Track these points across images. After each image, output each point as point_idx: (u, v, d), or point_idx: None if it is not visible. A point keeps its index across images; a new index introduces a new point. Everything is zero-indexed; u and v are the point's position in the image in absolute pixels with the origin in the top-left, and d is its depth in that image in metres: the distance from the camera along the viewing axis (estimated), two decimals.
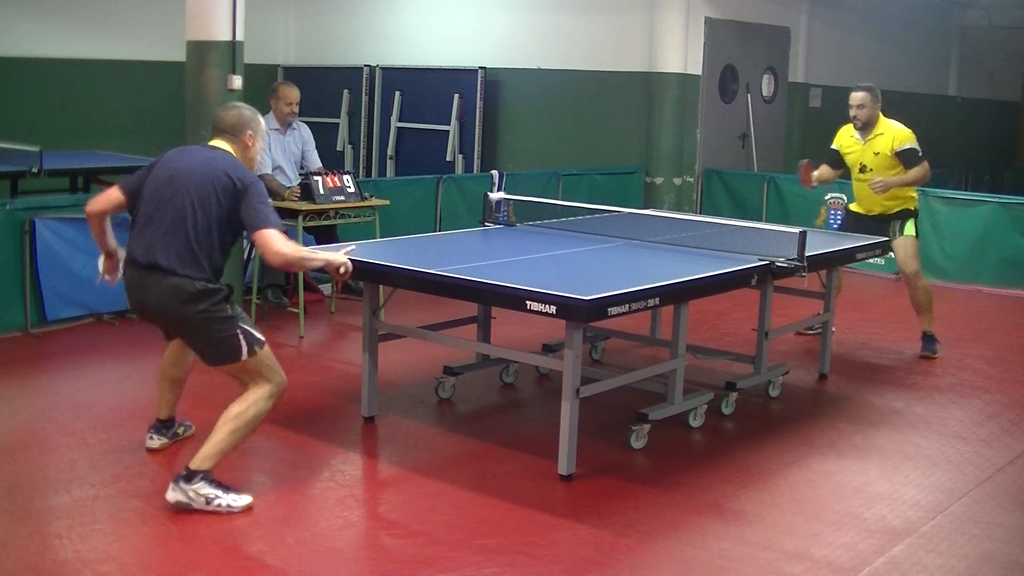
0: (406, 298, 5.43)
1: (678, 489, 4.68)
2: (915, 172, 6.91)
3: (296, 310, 7.21)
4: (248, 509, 4.25)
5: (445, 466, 4.90)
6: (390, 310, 5.64)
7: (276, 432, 5.27)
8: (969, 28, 16.06)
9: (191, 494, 4.17)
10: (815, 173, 7.28)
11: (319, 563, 3.88)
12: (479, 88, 11.68)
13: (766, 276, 5.47)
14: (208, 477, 4.20)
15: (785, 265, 5.39)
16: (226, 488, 4.25)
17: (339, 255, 4.43)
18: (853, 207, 7.37)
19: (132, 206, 4.44)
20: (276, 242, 4.18)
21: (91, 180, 9.52)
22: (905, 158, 6.91)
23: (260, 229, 4.20)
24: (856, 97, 7.03)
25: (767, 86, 12.21)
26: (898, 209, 7.09)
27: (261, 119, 4.52)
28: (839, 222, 10.08)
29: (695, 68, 11.19)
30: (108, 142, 10.88)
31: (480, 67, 11.74)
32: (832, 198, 10.36)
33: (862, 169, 7.08)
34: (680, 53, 11.01)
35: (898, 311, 8.23)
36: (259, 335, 4.31)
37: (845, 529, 4.31)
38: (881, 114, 7.09)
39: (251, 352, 4.25)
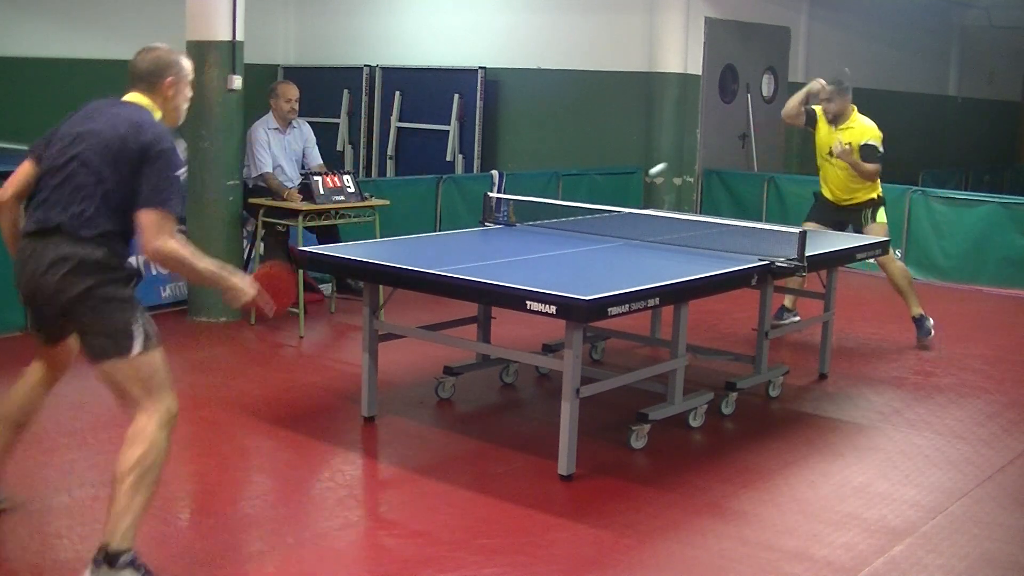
0: (406, 298, 5.43)
1: (678, 489, 4.68)
2: (870, 165, 7.15)
3: (296, 310, 7.21)
4: None
5: (445, 466, 4.90)
6: (390, 310, 5.64)
7: (276, 432, 5.27)
8: (969, 28, 16.05)
9: None
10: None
11: (319, 563, 3.88)
12: (479, 88, 11.68)
13: (766, 276, 5.47)
14: (135, 561, 3.44)
15: (785, 265, 5.39)
16: None
17: (246, 285, 3.67)
18: (824, 192, 7.58)
19: None
20: (157, 230, 3.41)
21: None
22: (866, 153, 7.14)
23: (149, 208, 3.41)
24: (828, 91, 7.26)
25: (767, 86, 12.20)
26: (866, 198, 7.35)
27: (186, 62, 3.76)
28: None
29: (695, 68, 11.19)
30: None
31: (480, 67, 11.74)
32: None
33: (831, 153, 7.34)
34: (680, 53, 11.01)
35: (898, 311, 8.22)
36: (156, 334, 3.57)
37: (845, 529, 4.31)
38: (855, 109, 7.30)
39: (145, 347, 3.49)
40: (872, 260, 7.26)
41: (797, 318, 7.58)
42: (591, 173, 10.85)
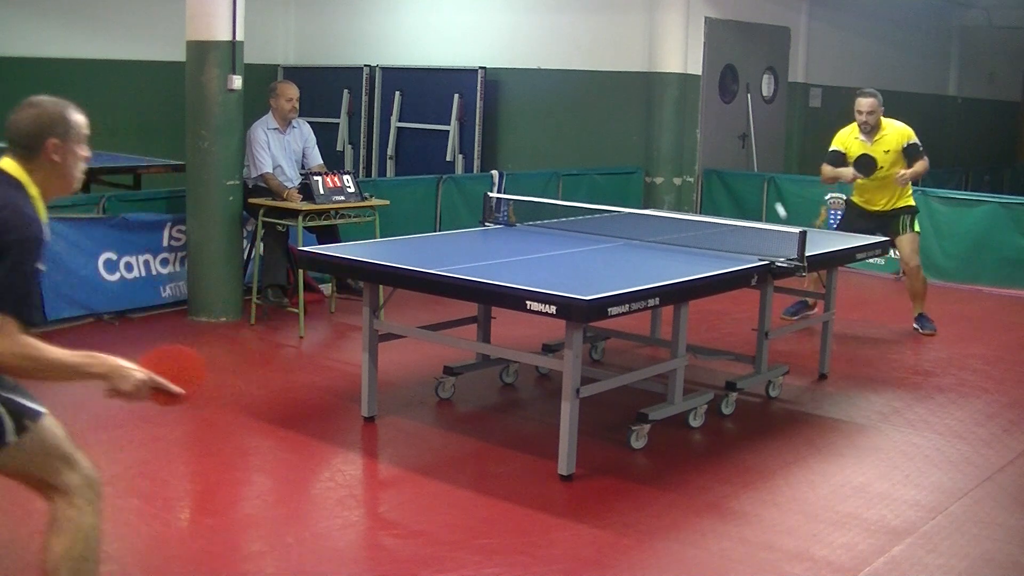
0: (406, 298, 5.43)
1: (678, 489, 4.68)
2: (922, 165, 7.42)
3: (296, 310, 7.21)
4: None
5: (445, 466, 4.90)
6: (390, 310, 5.64)
7: (276, 432, 5.27)
8: (969, 28, 16.05)
9: None
10: (833, 173, 7.62)
11: (319, 563, 3.88)
12: (479, 88, 11.67)
13: (766, 276, 5.47)
14: None
15: (785, 265, 5.39)
16: None
17: (128, 366, 2.90)
18: (856, 199, 7.75)
19: None
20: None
21: (91, 180, 9.52)
22: (913, 152, 7.43)
23: None
24: (867, 103, 7.44)
25: (767, 86, 12.20)
26: (902, 205, 7.58)
27: (73, 116, 3.00)
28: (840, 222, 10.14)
29: (695, 68, 11.19)
30: (108, 142, 10.87)
31: (480, 67, 11.74)
32: (832, 198, 10.35)
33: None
34: (680, 53, 11.01)
35: (898, 311, 8.23)
36: (36, 405, 2.95)
37: (845, 529, 4.31)
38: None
39: (20, 428, 2.88)
40: (896, 257, 7.47)
41: (813, 311, 7.85)
42: (591, 173, 10.85)
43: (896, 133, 7.47)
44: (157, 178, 9.71)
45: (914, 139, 7.47)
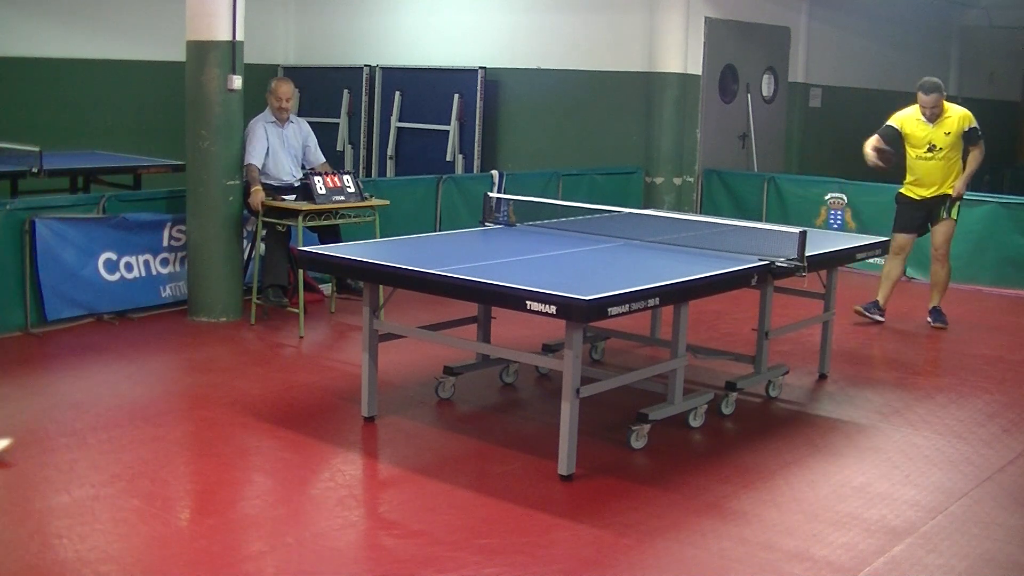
0: (406, 298, 5.43)
1: (678, 489, 4.68)
2: (977, 156, 7.65)
3: (296, 310, 7.21)
4: None
5: (445, 466, 4.90)
6: (390, 310, 5.64)
7: (276, 432, 5.28)
8: (969, 28, 16.04)
9: None
10: (874, 147, 7.70)
11: (319, 563, 3.88)
12: (479, 88, 11.68)
13: (766, 276, 5.47)
14: None
15: (785, 265, 5.39)
16: None
17: None
18: (906, 191, 7.86)
19: None
20: None
21: (91, 180, 9.53)
22: (972, 136, 7.66)
23: None
24: (930, 100, 7.62)
25: (767, 86, 12.20)
26: (949, 190, 7.76)
27: None
28: (839, 222, 10.14)
29: (695, 68, 11.19)
30: (108, 142, 10.88)
31: (480, 67, 11.74)
32: (832, 198, 10.36)
33: (931, 148, 7.67)
34: (680, 53, 11.01)
35: (898, 311, 8.23)
36: None
37: (845, 529, 4.31)
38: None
39: None
40: (938, 255, 7.71)
41: (882, 319, 7.90)
42: (591, 173, 10.85)
43: (957, 117, 7.64)
44: (157, 178, 9.71)
45: (974, 123, 7.64)
